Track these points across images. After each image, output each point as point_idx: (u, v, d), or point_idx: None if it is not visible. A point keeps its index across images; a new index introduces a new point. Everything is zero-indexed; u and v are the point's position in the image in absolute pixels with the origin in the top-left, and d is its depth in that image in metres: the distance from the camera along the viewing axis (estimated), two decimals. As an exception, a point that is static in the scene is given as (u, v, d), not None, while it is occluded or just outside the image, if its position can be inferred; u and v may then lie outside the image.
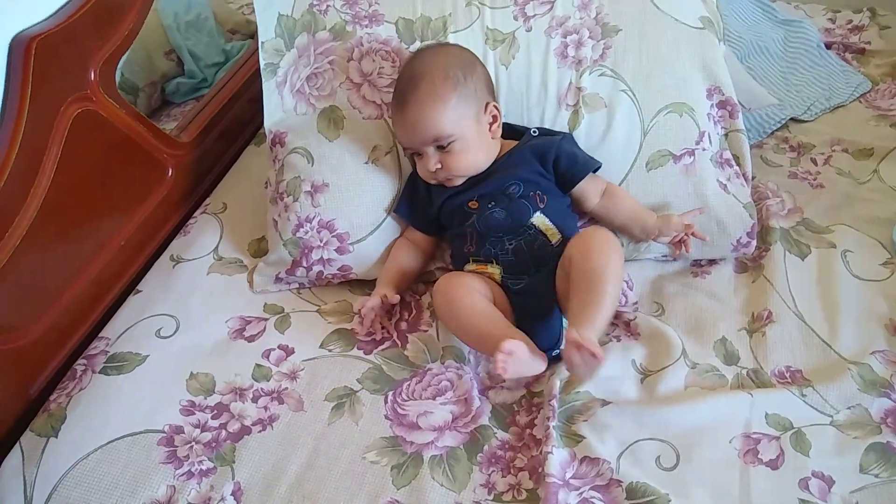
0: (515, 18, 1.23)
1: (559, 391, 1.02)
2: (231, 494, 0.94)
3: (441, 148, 1.10)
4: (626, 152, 1.19)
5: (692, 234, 1.16)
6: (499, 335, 0.97)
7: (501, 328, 1.01)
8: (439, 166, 1.11)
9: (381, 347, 1.12)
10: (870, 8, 1.80)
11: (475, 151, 1.12)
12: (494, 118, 1.14)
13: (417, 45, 1.23)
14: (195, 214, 1.33)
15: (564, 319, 1.07)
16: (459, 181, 1.14)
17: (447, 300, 1.07)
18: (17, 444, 1.01)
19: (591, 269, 0.99)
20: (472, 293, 1.06)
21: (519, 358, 0.95)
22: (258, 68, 1.26)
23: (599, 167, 1.17)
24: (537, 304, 1.08)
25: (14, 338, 1.05)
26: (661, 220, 1.17)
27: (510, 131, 1.19)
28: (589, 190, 1.16)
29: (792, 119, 1.52)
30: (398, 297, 1.13)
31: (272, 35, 1.25)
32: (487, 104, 1.13)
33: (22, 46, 1.01)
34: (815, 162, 1.42)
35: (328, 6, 1.25)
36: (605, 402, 1.02)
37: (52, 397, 1.06)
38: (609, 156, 1.19)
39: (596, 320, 0.96)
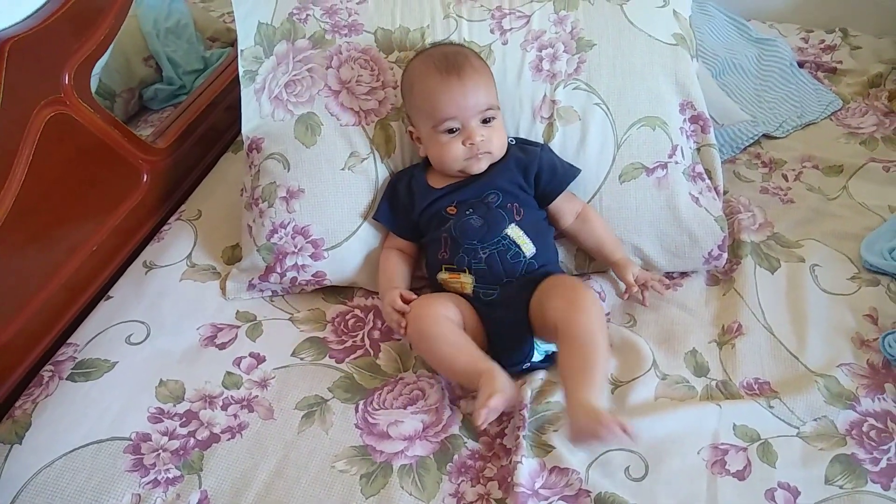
0: (492, 31, 1.24)
1: (530, 401, 1.02)
2: (198, 502, 0.93)
3: (485, 122, 1.12)
4: (599, 164, 1.21)
5: (650, 285, 1.16)
6: (473, 370, 0.98)
7: (474, 361, 1.00)
8: (484, 138, 1.11)
9: (353, 356, 1.12)
10: (842, 28, 1.84)
11: (504, 134, 1.16)
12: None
13: (396, 54, 1.24)
14: (169, 221, 1.32)
15: (536, 340, 1.08)
16: (486, 164, 1.14)
17: (419, 334, 1.05)
18: (-19, 450, 0.99)
19: (586, 339, 0.98)
20: (443, 323, 1.04)
21: (499, 406, 0.94)
22: (237, 76, 1.26)
23: (579, 172, 1.18)
24: (508, 318, 1.08)
25: (-20, 343, 1.04)
26: (625, 262, 1.17)
27: None
28: (565, 209, 1.18)
29: (764, 135, 1.54)
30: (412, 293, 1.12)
31: (252, 43, 1.26)
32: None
33: (-5, 48, 1.01)
34: (786, 178, 1.44)
35: (308, 15, 1.26)
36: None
37: (17, 403, 1.05)
38: (583, 168, 1.19)
39: (600, 385, 0.96)
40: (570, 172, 1.18)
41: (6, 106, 1.01)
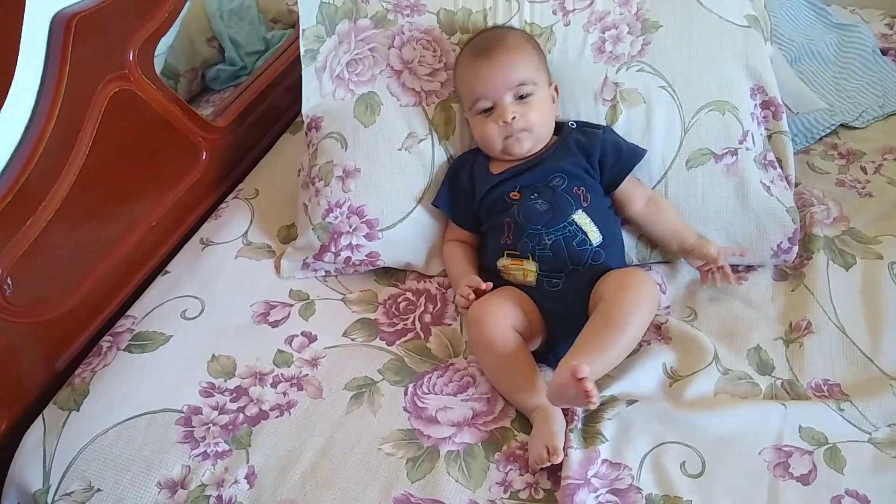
0: (554, 13, 1.21)
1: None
2: (245, 478, 0.94)
3: (520, 98, 1.10)
4: (665, 149, 1.16)
5: (720, 269, 1.11)
6: (527, 402, 0.97)
7: (530, 391, 0.98)
8: (517, 114, 1.09)
9: (403, 339, 1.11)
10: (929, 14, 1.73)
11: (546, 112, 1.13)
12: (554, 97, 1.16)
13: (458, 36, 1.22)
14: (227, 199, 1.33)
15: None
16: (528, 144, 1.12)
17: (480, 341, 1.03)
18: (41, 415, 1.02)
19: (615, 314, 0.96)
20: (505, 334, 1.01)
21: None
22: (297, 57, 1.26)
23: (645, 153, 1.14)
24: (569, 315, 1.04)
25: (44, 310, 1.06)
26: (700, 241, 1.13)
27: None
28: (634, 194, 1.14)
29: (842, 125, 1.47)
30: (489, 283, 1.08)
31: (313, 22, 1.25)
32: (551, 81, 1.16)
33: (62, 24, 1.02)
34: (864, 170, 1.36)
35: (370, -6, 1.25)
36: (630, 401, 0.99)
37: (76, 372, 1.07)
38: (649, 152, 1.16)
39: (597, 360, 0.94)
40: (637, 153, 1.14)
41: (72, 81, 1.03)
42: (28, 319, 1.03)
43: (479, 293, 1.06)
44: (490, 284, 1.07)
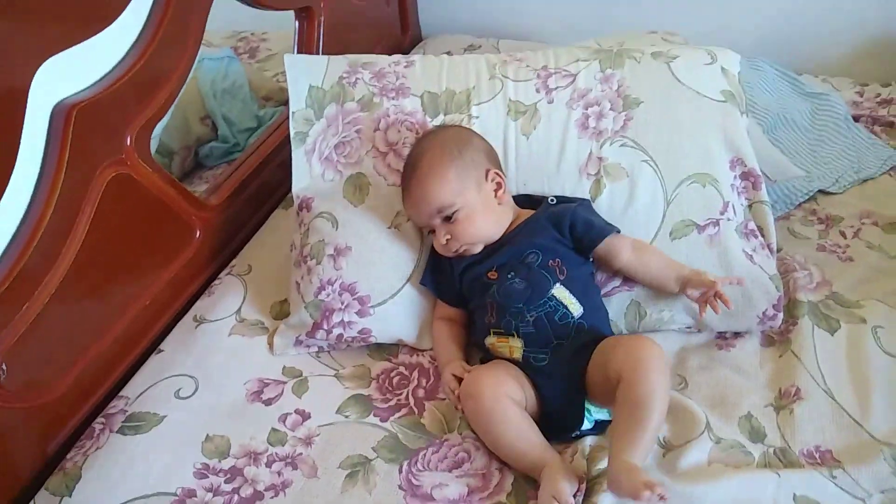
0: (538, 91, 1.25)
1: (584, 472, 0.99)
2: (240, 562, 0.93)
3: (447, 220, 1.13)
4: (649, 222, 1.19)
5: (718, 295, 1.11)
6: (535, 461, 0.99)
7: (536, 450, 1.00)
8: (448, 237, 1.13)
9: (397, 415, 1.11)
10: (898, 82, 1.80)
11: (482, 219, 1.14)
12: (499, 185, 1.17)
13: (441, 118, 1.26)
14: (220, 275, 1.35)
15: (589, 406, 1.05)
16: (476, 249, 1.15)
17: (477, 414, 1.03)
18: (32, 502, 1.01)
19: (641, 396, 0.96)
20: (504, 403, 1.02)
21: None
22: (289, 134, 1.30)
23: (618, 232, 1.16)
24: (561, 386, 1.06)
25: (38, 394, 1.06)
26: (696, 270, 1.14)
27: (529, 201, 1.21)
28: (617, 246, 1.15)
29: (820, 191, 1.51)
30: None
31: (303, 105, 1.29)
32: (488, 171, 1.16)
33: (63, 114, 1.05)
34: (844, 235, 1.40)
35: (357, 78, 1.29)
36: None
37: (68, 455, 1.06)
38: (633, 225, 1.19)
39: (642, 450, 0.94)
40: (608, 228, 1.16)
41: (71, 168, 1.05)
42: (22, 404, 1.03)
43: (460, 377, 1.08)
44: (463, 365, 1.10)
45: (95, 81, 1.13)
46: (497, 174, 1.17)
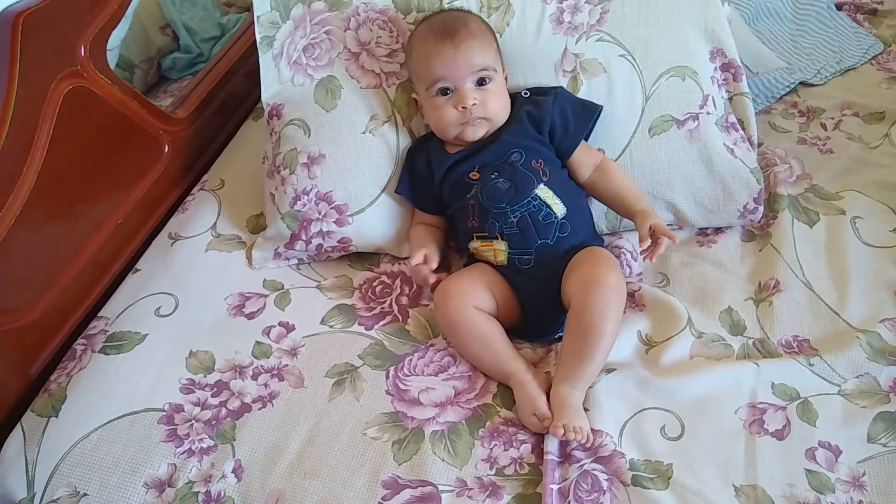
0: (512, -16, 1.20)
1: None
2: (232, 472, 0.94)
3: (480, 84, 1.10)
4: (628, 118, 1.17)
5: (664, 234, 1.06)
6: (501, 371, 1.00)
7: (501, 361, 1.01)
8: (476, 101, 1.09)
9: (382, 322, 1.11)
10: (882, -34, 1.74)
11: (503, 99, 1.13)
12: (506, 78, 1.16)
13: (414, 14, 1.20)
14: (193, 191, 1.31)
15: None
16: (482, 131, 1.12)
17: (446, 324, 1.05)
18: (19, 424, 1.01)
19: (590, 324, 0.97)
20: (470, 314, 1.02)
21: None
22: (254, 42, 1.24)
23: (599, 110, 1.15)
24: (543, 291, 1.06)
25: (13, 319, 1.05)
26: (645, 213, 1.09)
27: None
28: (581, 161, 1.14)
29: (801, 83, 1.49)
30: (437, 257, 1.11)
31: (268, 8, 1.23)
32: (503, 68, 1.16)
33: (9, 23, 0.99)
34: (824, 127, 1.38)
35: (323, -24, 1.22)
36: (609, 370, 1.00)
37: (52, 377, 1.06)
38: (611, 122, 1.16)
39: (586, 374, 0.96)
40: (584, 121, 1.14)
41: (23, 81, 1.00)
42: (-3, 328, 1.02)
43: (428, 262, 1.08)
44: (430, 279, 1.09)
45: (41, -13, 1.06)
46: (506, 76, 1.16)
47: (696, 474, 0.89)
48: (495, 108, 1.11)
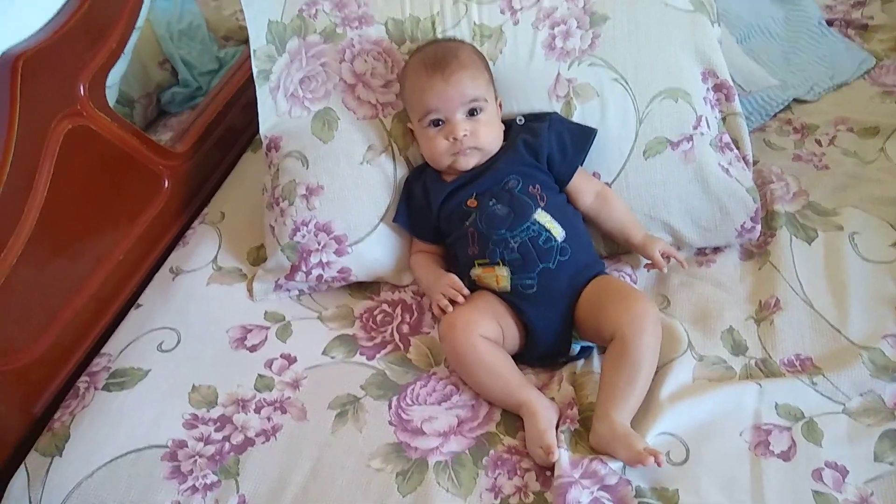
0: (502, 12, 1.21)
1: (573, 397, 1.01)
2: (236, 507, 0.94)
3: (471, 114, 1.10)
4: (622, 141, 1.18)
5: (672, 256, 1.13)
6: (511, 400, 0.99)
7: (511, 389, 1.00)
8: (468, 132, 1.10)
9: (383, 352, 1.11)
10: (871, -18, 1.76)
11: (495, 128, 1.14)
12: (500, 106, 1.18)
13: (408, 45, 1.22)
14: (193, 224, 1.32)
15: (575, 334, 1.07)
16: (474, 160, 1.13)
17: (454, 355, 1.04)
18: (23, 464, 1.00)
19: (636, 356, 0.97)
20: (478, 344, 1.02)
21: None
22: (252, 74, 1.25)
23: (594, 134, 1.15)
24: (550, 315, 1.06)
25: (16, 358, 1.05)
26: (650, 240, 1.14)
27: None
28: (582, 188, 1.15)
29: (795, 100, 1.49)
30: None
31: (264, 42, 1.24)
32: (497, 96, 1.17)
33: (8, 65, 1.01)
34: (819, 143, 1.39)
35: (317, 10, 1.24)
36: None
37: (55, 416, 1.06)
38: (605, 145, 1.17)
39: (632, 409, 0.96)
40: (581, 145, 1.15)
41: (23, 122, 1.01)
42: (0, 368, 1.02)
43: (455, 303, 1.07)
44: (466, 291, 1.08)
45: (40, 29, 1.07)
46: (500, 103, 1.18)
47: (702, 498, 0.89)
48: (487, 138, 1.12)
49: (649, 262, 1.15)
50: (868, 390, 0.97)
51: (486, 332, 1.04)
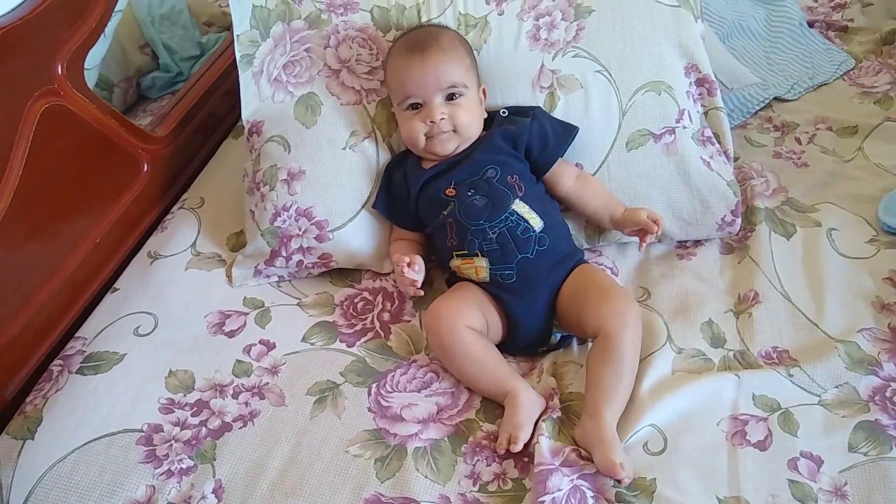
0: (487, 3, 1.21)
1: (555, 387, 1.01)
2: (212, 492, 0.93)
3: (450, 99, 1.10)
4: (605, 133, 1.18)
5: (657, 221, 1.12)
6: (498, 390, 0.99)
7: (497, 379, 1.00)
8: (445, 116, 1.10)
9: (364, 339, 1.10)
10: (852, -15, 1.78)
11: (475, 114, 1.13)
12: (484, 93, 1.17)
13: (393, 33, 1.21)
14: (172, 210, 1.31)
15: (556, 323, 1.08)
16: (451, 145, 1.12)
17: (439, 347, 1.04)
18: (-7, 447, 0.99)
19: (621, 354, 0.98)
20: (464, 334, 1.02)
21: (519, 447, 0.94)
22: (234, 60, 1.24)
23: (576, 132, 1.15)
24: (530, 305, 1.06)
25: (-12, 339, 1.03)
26: (630, 211, 1.14)
27: None
28: (562, 172, 1.15)
29: (775, 98, 1.51)
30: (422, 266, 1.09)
31: (247, 27, 1.23)
32: (480, 84, 1.16)
33: (-16, 41, 0.99)
34: (799, 141, 1.40)
35: (302, -6, 1.23)
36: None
37: (28, 399, 1.04)
38: (588, 137, 1.17)
39: (619, 404, 0.97)
40: (563, 139, 1.15)
41: (-1, 99, 1.00)
42: (-29, 349, 1.00)
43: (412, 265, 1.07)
44: (407, 258, 1.07)
45: (17, 6, 1.05)
46: (484, 91, 1.18)
47: (679, 487, 0.89)
48: (464, 122, 1.11)
49: (633, 234, 1.14)
50: (843, 382, 0.99)
51: (472, 322, 1.04)
